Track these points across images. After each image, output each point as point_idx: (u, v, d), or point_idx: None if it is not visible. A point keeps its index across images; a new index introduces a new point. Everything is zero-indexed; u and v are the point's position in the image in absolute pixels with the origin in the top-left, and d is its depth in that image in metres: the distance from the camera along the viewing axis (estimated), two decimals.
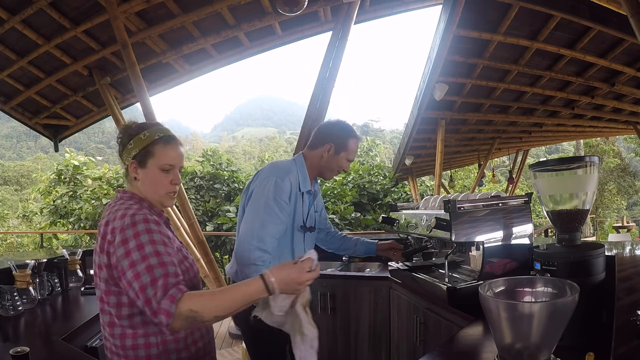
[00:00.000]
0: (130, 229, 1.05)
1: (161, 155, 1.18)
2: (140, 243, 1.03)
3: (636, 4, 2.66)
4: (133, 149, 1.18)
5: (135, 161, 1.18)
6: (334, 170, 1.77)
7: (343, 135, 1.73)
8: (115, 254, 1.04)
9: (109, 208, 1.17)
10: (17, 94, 4.75)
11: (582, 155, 6.52)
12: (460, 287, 1.62)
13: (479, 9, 4.74)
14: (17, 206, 21.16)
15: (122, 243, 1.04)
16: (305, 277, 1.10)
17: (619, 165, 21.31)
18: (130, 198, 1.19)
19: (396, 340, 2.31)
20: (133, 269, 1.00)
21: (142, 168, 1.19)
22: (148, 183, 1.19)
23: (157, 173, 1.19)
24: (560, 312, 0.82)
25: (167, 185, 1.21)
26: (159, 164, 1.18)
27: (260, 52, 4.99)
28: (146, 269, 1.00)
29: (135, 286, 0.99)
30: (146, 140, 1.18)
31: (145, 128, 1.20)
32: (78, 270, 2.32)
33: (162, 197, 1.21)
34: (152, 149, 1.18)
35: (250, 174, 12.14)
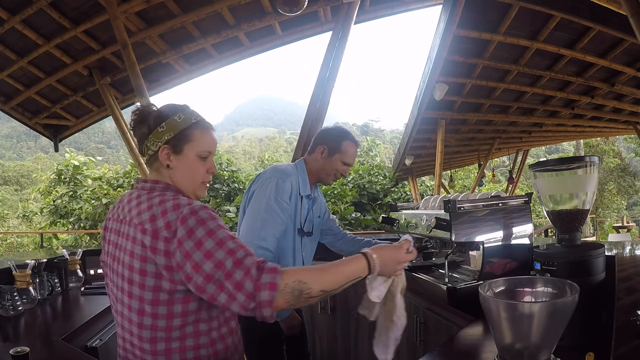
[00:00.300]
0: (192, 218, 0.92)
1: (199, 141, 1.06)
2: (210, 229, 0.91)
3: (636, 4, 2.66)
4: (165, 132, 1.03)
5: (169, 146, 1.04)
6: (330, 173, 1.75)
7: (336, 138, 1.74)
8: (180, 250, 0.90)
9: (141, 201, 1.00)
10: (17, 94, 4.76)
11: (582, 155, 6.52)
12: (460, 287, 1.62)
13: (479, 9, 4.74)
14: (17, 206, 21.17)
15: (187, 236, 0.90)
16: (404, 257, 1.09)
17: (619, 165, 21.31)
18: (165, 189, 1.05)
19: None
20: (211, 259, 0.88)
21: (177, 154, 1.05)
22: (184, 171, 1.06)
23: (194, 160, 1.07)
24: (560, 312, 0.82)
25: (204, 174, 1.09)
26: (197, 150, 1.06)
27: (260, 52, 5.00)
28: (227, 253, 0.89)
29: (218, 276, 0.87)
30: (182, 124, 1.04)
31: (178, 110, 1.07)
32: (78, 270, 2.32)
33: (197, 187, 1.10)
34: (189, 133, 1.05)
35: (250, 174, 12.14)
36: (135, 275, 0.94)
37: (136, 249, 0.95)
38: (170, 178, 1.07)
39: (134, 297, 0.96)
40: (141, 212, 0.97)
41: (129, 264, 0.96)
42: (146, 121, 1.06)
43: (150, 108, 1.09)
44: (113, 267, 1.02)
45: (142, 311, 0.95)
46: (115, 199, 9.73)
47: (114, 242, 1.03)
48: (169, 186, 1.06)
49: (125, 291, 0.97)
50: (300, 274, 0.92)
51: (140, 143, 1.08)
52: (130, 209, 1.01)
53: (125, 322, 1.00)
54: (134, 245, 0.95)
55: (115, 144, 58.45)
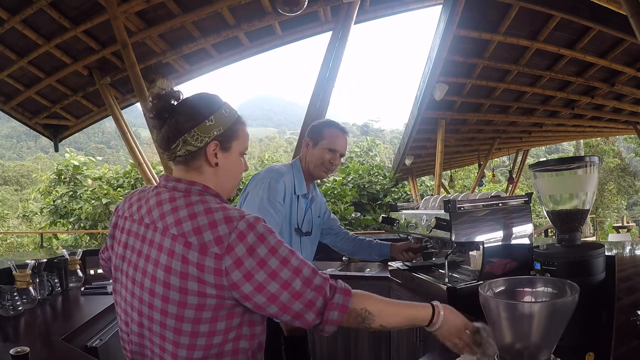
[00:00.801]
0: (251, 234, 0.83)
1: (243, 137, 0.98)
2: (272, 247, 0.84)
3: (636, 4, 2.66)
4: (214, 127, 0.92)
5: (219, 143, 0.93)
6: (318, 164, 1.71)
7: (319, 128, 1.73)
8: (240, 269, 0.81)
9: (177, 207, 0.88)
10: (17, 94, 4.76)
11: (582, 155, 6.52)
12: (460, 287, 1.62)
13: (479, 9, 4.74)
14: (17, 206, 21.17)
15: (248, 254, 0.82)
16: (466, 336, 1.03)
17: (619, 165, 21.32)
18: (203, 192, 0.92)
19: (396, 340, 2.31)
20: (277, 280, 0.82)
21: (225, 152, 0.95)
22: (230, 170, 0.97)
23: (237, 158, 0.98)
24: (560, 312, 0.82)
25: (242, 172, 1.01)
26: (241, 147, 0.98)
27: (260, 52, 5.00)
28: (294, 273, 0.84)
29: (284, 297, 0.83)
30: (230, 118, 0.95)
31: (219, 102, 0.96)
32: (78, 270, 2.32)
33: (234, 188, 1.01)
34: (236, 129, 0.96)
35: (249, 173, 12.12)
36: (173, 294, 0.83)
37: (174, 264, 0.83)
38: (212, 178, 0.95)
39: (169, 315, 0.85)
40: (181, 221, 0.85)
41: (163, 280, 0.84)
42: (177, 110, 0.92)
43: (178, 93, 0.94)
44: (134, 278, 0.90)
45: (179, 330, 0.85)
46: (115, 199, 9.73)
47: (135, 248, 0.92)
48: (208, 189, 0.93)
49: (156, 308, 0.86)
50: (369, 303, 0.91)
51: (173, 134, 0.91)
52: (163, 214, 0.88)
53: (155, 337, 0.89)
54: (171, 259, 0.83)
55: (115, 144, 58.43)
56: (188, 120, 0.91)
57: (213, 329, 0.85)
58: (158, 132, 0.94)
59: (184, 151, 0.92)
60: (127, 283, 0.93)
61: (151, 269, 0.86)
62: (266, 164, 26.57)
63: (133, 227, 0.94)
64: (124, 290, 0.95)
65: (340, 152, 1.74)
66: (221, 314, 0.86)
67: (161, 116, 0.92)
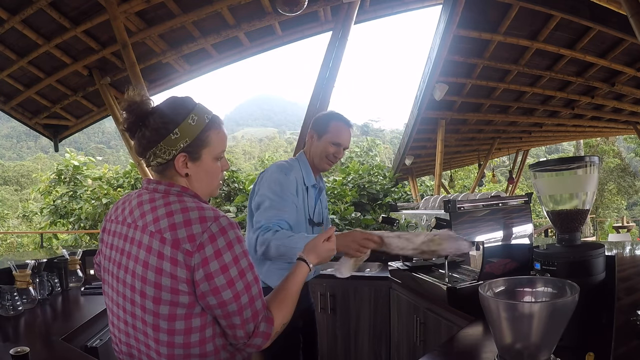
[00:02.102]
0: (221, 238, 0.87)
1: (216, 143, 0.98)
2: (236, 256, 0.88)
3: (636, 4, 2.66)
4: (180, 139, 0.92)
5: (185, 154, 0.94)
6: (322, 156, 1.71)
7: (324, 120, 1.73)
8: (205, 269, 0.85)
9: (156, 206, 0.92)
10: (17, 94, 4.76)
11: (582, 155, 6.52)
12: (460, 287, 1.62)
13: (479, 9, 4.74)
14: (17, 206, 21.16)
15: (215, 256, 0.86)
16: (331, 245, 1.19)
17: (619, 165, 21.31)
18: (182, 192, 0.95)
19: (396, 340, 2.31)
20: (232, 289, 0.87)
21: (195, 161, 0.96)
22: (202, 177, 0.98)
23: (211, 164, 0.98)
24: (560, 312, 0.82)
25: (220, 174, 1.02)
26: (214, 153, 0.98)
27: (260, 52, 5.00)
28: (245, 288, 0.89)
29: (231, 307, 0.87)
30: (197, 127, 0.94)
31: (187, 109, 0.94)
32: (78, 270, 2.32)
33: (214, 189, 1.03)
34: (205, 137, 0.95)
35: (250, 174, 12.13)
36: (148, 289, 0.87)
37: (151, 259, 0.87)
38: (188, 184, 0.98)
39: (147, 312, 0.88)
40: (158, 219, 0.89)
41: (141, 275, 0.88)
42: (147, 122, 0.93)
43: (147, 104, 0.94)
44: (118, 276, 0.94)
45: (157, 327, 0.88)
46: (115, 199, 9.72)
47: (119, 247, 0.95)
48: (186, 190, 0.96)
49: (137, 304, 0.90)
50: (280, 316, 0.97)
51: (143, 147, 0.95)
52: (144, 214, 0.92)
53: (139, 335, 0.92)
54: (149, 255, 0.87)
55: (115, 144, 58.42)
56: (154, 134, 0.93)
57: (189, 327, 0.88)
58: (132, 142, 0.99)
59: (155, 162, 0.95)
60: (113, 282, 0.96)
61: (132, 265, 0.90)
62: (266, 164, 26.52)
63: (117, 228, 0.98)
64: (110, 290, 0.98)
65: (344, 146, 1.74)
66: (195, 312, 0.89)
67: (131, 129, 0.95)
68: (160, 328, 0.88)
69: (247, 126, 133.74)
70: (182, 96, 0.99)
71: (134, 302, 0.90)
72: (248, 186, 9.96)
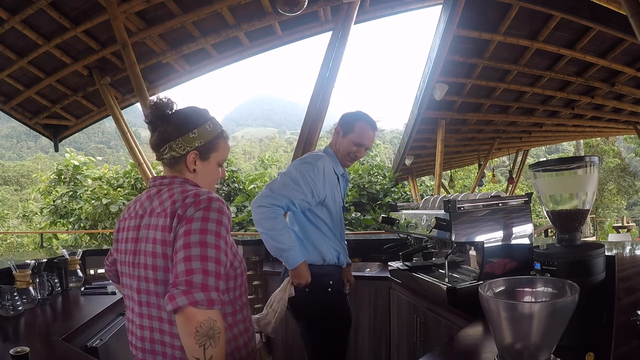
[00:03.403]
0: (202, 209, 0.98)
1: (223, 150, 1.15)
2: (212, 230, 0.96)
3: (636, 4, 2.66)
4: (196, 139, 1.09)
5: (198, 153, 1.10)
6: (345, 154, 1.85)
7: (351, 119, 1.85)
8: (186, 227, 0.96)
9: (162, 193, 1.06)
10: (17, 94, 4.76)
11: (582, 155, 6.52)
12: (460, 287, 1.62)
13: (479, 9, 4.74)
14: (17, 206, 21.15)
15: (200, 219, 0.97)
16: None
17: (619, 165, 21.31)
18: (184, 182, 1.09)
19: (396, 340, 2.31)
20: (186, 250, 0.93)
21: (203, 160, 1.12)
22: (206, 176, 1.14)
23: (215, 167, 1.15)
24: (560, 312, 0.82)
25: (218, 178, 1.18)
26: (220, 158, 1.15)
27: (260, 52, 5.00)
28: (203, 271, 0.92)
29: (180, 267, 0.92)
30: (212, 133, 1.12)
31: (206, 117, 1.12)
32: (78, 270, 2.32)
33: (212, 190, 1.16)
34: (216, 143, 1.13)
35: (250, 174, 12.12)
36: (159, 261, 0.99)
37: (158, 234, 1.00)
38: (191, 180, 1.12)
39: (159, 283, 0.99)
40: (163, 201, 1.04)
41: (152, 250, 1.00)
42: (169, 119, 1.09)
43: (172, 104, 1.10)
44: (134, 262, 1.05)
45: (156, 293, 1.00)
46: (115, 199, 9.72)
47: (133, 238, 1.07)
48: (188, 180, 1.10)
49: (150, 279, 1.01)
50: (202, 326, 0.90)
51: (161, 140, 1.09)
52: (152, 202, 1.07)
53: (153, 310, 1.03)
54: (156, 232, 1.01)
55: (115, 144, 58.43)
56: (175, 130, 1.08)
57: None
58: (151, 136, 1.12)
59: (169, 155, 1.10)
60: (129, 270, 1.07)
61: (144, 246, 1.03)
62: (266, 163, 26.50)
63: (131, 222, 1.10)
64: (127, 278, 1.09)
65: (366, 147, 1.86)
66: None
67: (154, 123, 1.11)
68: None
69: (247, 126, 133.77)
70: (201, 107, 1.15)
71: (147, 278, 1.01)
72: (248, 186, 9.95)
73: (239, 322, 1.11)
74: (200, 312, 0.89)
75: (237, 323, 1.11)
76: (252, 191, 9.65)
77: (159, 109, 1.09)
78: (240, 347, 1.10)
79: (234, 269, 1.10)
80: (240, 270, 1.13)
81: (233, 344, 1.08)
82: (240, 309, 1.12)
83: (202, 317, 0.89)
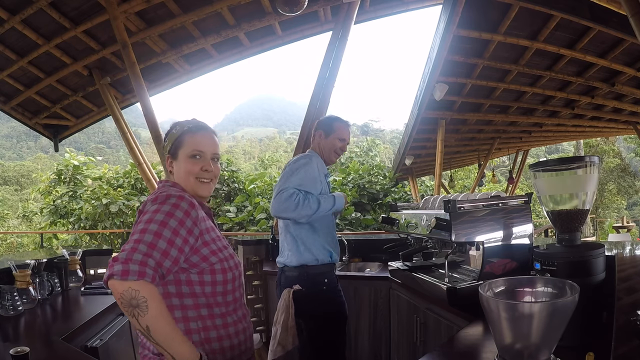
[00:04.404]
0: (158, 203, 1.08)
1: (189, 143, 1.20)
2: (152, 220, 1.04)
3: (636, 4, 2.66)
4: (167, 145, 1.23)
5: (170, 155, 1.23)
6: (331, 151, 2.08)
7: (328, 122, 2.11)
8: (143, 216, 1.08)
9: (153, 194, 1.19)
10: (17, 94, 4.76)
11: (582, 155, 6.51)
12: (460, 287, 1.62)
13: (479, 9, 4.74)
14: (17, 206, 21.16)
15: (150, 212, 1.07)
16: None
17: (619, 165, 21.31)
18: (172, 185, 1.21)
19: (396, 340, 2.31)
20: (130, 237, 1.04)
21: (175, 160, 1.22)
22: (181, 173, 1.21)
23: (185, 161, 1.20)
24: (560, 312, 0.82)
25: (198, 171, 1.20)
26: (187, 151, 1.20)
27: (260, 52, 5.00)
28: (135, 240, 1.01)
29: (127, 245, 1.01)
30: (177, 134, 1.22)
31: (177, 124, 1.25)
32: (78, 270, 2.32)
33: (194, 185, 1.20)
34: (181, 139, 1.21)
35: (250, 174, 12.11)
36: None
37: None
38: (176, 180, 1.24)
39: None
40: (147, 201, 1.14)
41: None
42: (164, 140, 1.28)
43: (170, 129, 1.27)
44: None
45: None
46: (115, 199, 9.72)
47: None
48: (176, 184, 1.22)
49: None
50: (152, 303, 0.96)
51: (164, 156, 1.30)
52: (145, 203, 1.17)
53: None
54: None
55: (115, 144, 58.42)
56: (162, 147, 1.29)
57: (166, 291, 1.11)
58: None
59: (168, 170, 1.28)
60: None
61: None
62: (266, 164, 26.52)
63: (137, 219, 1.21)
64: None
65: (347, 141, 2.13)
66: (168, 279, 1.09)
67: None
68: None
69: (247, 126, 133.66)
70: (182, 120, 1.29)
71: None
72: (248, 186, 9.95)
73: (236, 321, 1.19)
74: (118, 283, 0.95)
75: (235, 323, 1.18)
76: (252, 191, 9.64)
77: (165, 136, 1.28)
78: (234, 345, 1.16)
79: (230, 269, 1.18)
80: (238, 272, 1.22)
81: (228, 342, 1.15)
82: (234, 310, 1.19)
83: (121, 288, 0.95)
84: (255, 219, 8.58)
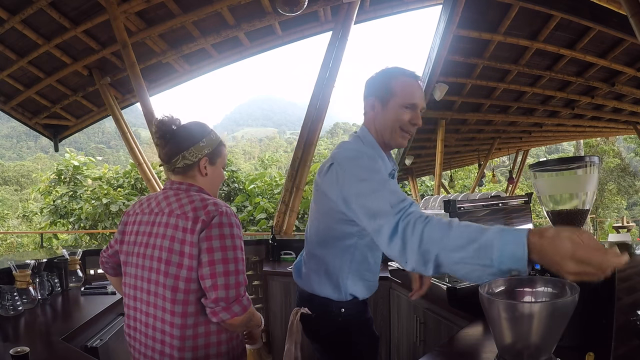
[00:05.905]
0: (226, 217, 1.11)
1: (224, 156, 1.31)
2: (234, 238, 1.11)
3: (636, 4, 2.66)
4: (205, 147, 1.23)
5: (208, 158, 1.24)
6: (395, 127, 1.28)
7: (384, 80, 1.28)
8: (207, 241, 1.08)
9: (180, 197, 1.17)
10: (17, 94, 4.76)
11: (582, 155, 6.51)
12: (460, 287, 1.62)
13: (479, 9, 4.74)
14: (17, 206, 21.16)
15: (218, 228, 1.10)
16: None
17: (619, 165, 21.31)
18: (200, 190, 1.23)
19: (396, 340, 2.31)
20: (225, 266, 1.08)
21: (212, 165, 1.26)
22: (215, 180, 1.28)
23: (221, 171, 1.30)
24: (560, 312, 0.82)
25: (222, 182, 1.34)
26: (223, 163, 1.30)
27: (260, 52, 4.99)
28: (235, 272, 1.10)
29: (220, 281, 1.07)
30: (216, 141, 1.27)
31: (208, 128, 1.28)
32: (78, 270, 2.32)
33: (216, 191, 1.31)
34: (220, 150, 1.28)
35: (250, 174, 12.09)
36: (173, 256, 1.10)
37: (175, 234, 1.11)
38: (202, 184, 1.24)
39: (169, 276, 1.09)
40: (183, 205, 1.14)
41: (168, 247, 1.11)
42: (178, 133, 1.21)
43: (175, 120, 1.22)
44: (145, 253, 1.15)
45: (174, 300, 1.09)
46: (115, 199, 9.72)
47: (146, 231, 1.17)
48: (202, 189, 1.23)
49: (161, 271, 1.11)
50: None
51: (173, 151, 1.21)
52: (170, 203, 1.17)
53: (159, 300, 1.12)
54: (175, 230, 1.11)
55: (115, 144, 58.44)
56: (186, 141, 1.21)
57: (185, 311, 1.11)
58: (162, 150, 1.23)
59: (182, 164, 1.21)
60: (138, 260, 1.16)
61: (159, 241, 1.13)
62: (266, 164, 26.34)
63: (144, 218, 1.20)
64: (134, 268, 1.17)
65: (420, 106, 1.29)
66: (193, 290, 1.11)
67: (164, 137, 1.21)
68: (176, 301, 1.09)
69: (247, 126, 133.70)
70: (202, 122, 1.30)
71: (159, 270, 1.11)
72: (248, 186, 9.95)
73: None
74: (239, 318, 1.12)
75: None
76: (252, 191, 9.64)
77: (166, 125, 1.21)
78: (234, 347, 1.21)
79: None
80: None
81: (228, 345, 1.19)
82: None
83: (241, 321, 1.13)
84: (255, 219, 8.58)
